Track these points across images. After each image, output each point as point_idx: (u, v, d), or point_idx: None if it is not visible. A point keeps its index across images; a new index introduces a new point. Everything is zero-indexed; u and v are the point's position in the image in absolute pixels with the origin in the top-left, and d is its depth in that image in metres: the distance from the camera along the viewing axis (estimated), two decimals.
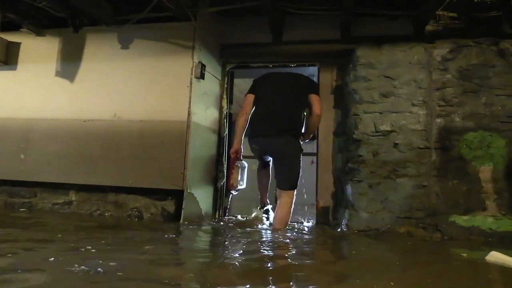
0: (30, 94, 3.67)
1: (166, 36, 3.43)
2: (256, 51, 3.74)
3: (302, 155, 3.19)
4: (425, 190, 3.02)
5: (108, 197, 3.45)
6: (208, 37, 3.50)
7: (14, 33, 3.77)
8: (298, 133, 3.21)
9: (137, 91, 3.41)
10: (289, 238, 2.63)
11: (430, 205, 3.00)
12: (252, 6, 3.29)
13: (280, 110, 3.13)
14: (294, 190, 3.09)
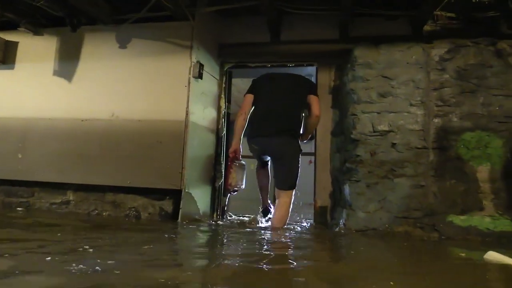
0: (28, 94, 3.66)
1: (164, 35, 3.43)
2: (254, 51, 3.74)
3: (300, 155, 3.19)
4: (422, 190, 3.03)
5: (106, 196, 3.44)
6: (206, 36, 3.50)
7: (11, 32, 3.76)
8: (297, 133, 3.22)
9: (135, 91, 3.41)
10: (287, 238, 2.63)
11: (428, 205, 3.00)
12: (250, 5, 3.29)
13: (279, 110, 3.14)
14: (293, 190, 3.10)
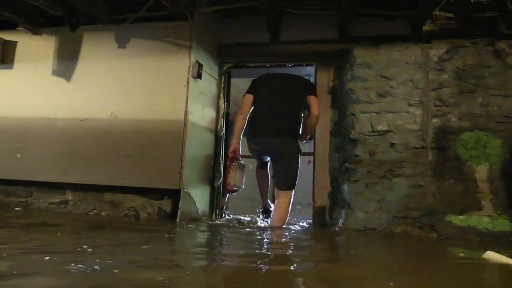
0: (27, 93, 3.65)
1: (163, 35, 3.42)
2: (253, 51, 3.74)
3: (300, 155, 3.20)
4: (421, 190, 3.04)
5: (104, 196, 3.44)
6: (205, 36, 3.49)
7: (10, 31, 3.75)
8: (297, 133, 3.22)
9: (134, 91, 3.40)
10: (286, 238, 2.63)
11: (426, 205, 3.01)
12: (249, 5, 3.30)
13: (279, 110, 3.15)
14: (293, 190, 3.10)
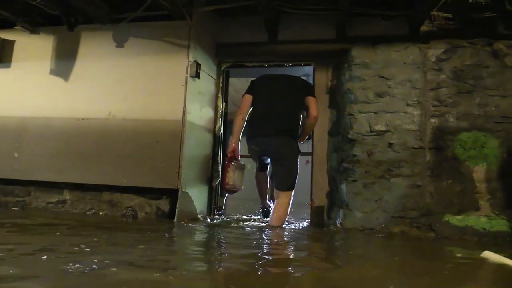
0: (25, 93, 3.65)
1: (161, 34, 3.42)
2: (251, 51, 3.74)
3: (299, 156, 3.20)
4: (419, 190, 3.04)
5: (102, 196, 3.44)
6: (203, 36, 3.49)
7: (8, 30, 3.75)
8: (296, 134, 3.24)
9: (132, 90, 3.40)
10: (284, 238, 2.62)
11: (424, 204, 3.01)
12: (247, 5, 3.29)
13: (279, 111, 3.16)
14: (292, 190, 3.12)
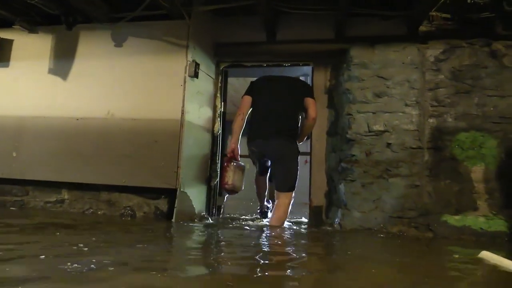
0: (23, 92, 3.64)
1: (160, 34, 3.42)
2: (250, 50, 3.74)
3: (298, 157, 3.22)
4: (417, 190, 3.04)
5: (101, 195, 3.44)
6: (202, 35, 3.49)
7: (6, 30, 3.74)
8: (296, 135, 3.25)
9: (130, 89, 3.40)
10: (282, 239, 2.61)
11: (422, 204, 3.02)
12: (246, 5, 3.29)
13: (278, 112, 3.17)
14: (293, 191, 3.13)
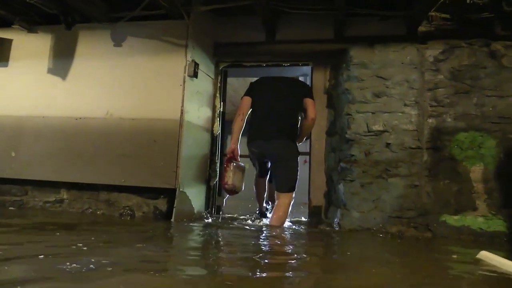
0: (22, 91, 3.64)
1: (159, 34, 3.42)
2: (249, 50, 3.74)
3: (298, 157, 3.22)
4: (416, 190, 3.04)
5: (100, 195, 3.43)
6: (201, 35, 3.49)
7: (5, 29, 3.73)
8: (295, 136, 3.25)
9: (130, 89, 3.40)
10: (282, 239, 2.61)
11: (422, 204, 3.02)
12: (245, 5, 3.29)
13: (278, 113, 3.18)
14: (293, 192, 3.14)
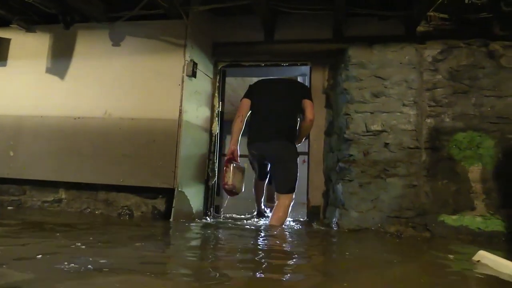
0: (20, 91, 3.63)
1: (158, 33, 3.42)
2: (248, 50, 3.73)
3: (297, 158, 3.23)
4: (415, 189, 3.05)
5: (98, 195, 3.43)
6: (200, 35, 3.49)
7: (4, 29, 3.73)
8: (295, 137, 3.26)
9: (128, 89, 3.40)
10: (281, 239, 2.60)
11: (420, 204, 3.02)
12: (244, 4, 3.28)
13: (277, 115, 3.19)
14: (293, 193, 3.15)
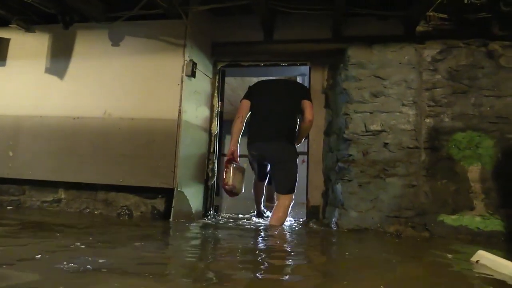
0: (19, 91, 3.63)
1: (157, 33, 3.41)
2: (247, 50, 3.74)
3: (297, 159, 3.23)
4: (414, 189, 3.05)
5: (97, 195, 3.43)
6: (199, 35, 3.49)
7: (3, 28, 3.73)
8: (294, 137, 3.27)
9: (128, 89, 3.39)
10: (280, 240, 2.60)
11: (419, 204, 3.02)
12: (243, 4, 3.28)
13: (276, 116, 3.19)
14: (293, 193, 3.15)
